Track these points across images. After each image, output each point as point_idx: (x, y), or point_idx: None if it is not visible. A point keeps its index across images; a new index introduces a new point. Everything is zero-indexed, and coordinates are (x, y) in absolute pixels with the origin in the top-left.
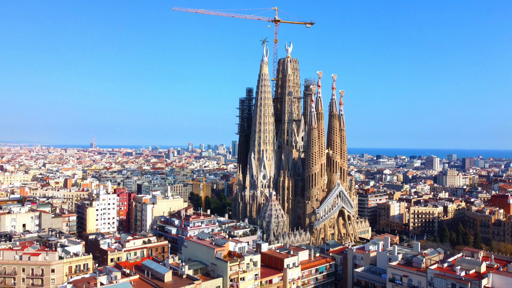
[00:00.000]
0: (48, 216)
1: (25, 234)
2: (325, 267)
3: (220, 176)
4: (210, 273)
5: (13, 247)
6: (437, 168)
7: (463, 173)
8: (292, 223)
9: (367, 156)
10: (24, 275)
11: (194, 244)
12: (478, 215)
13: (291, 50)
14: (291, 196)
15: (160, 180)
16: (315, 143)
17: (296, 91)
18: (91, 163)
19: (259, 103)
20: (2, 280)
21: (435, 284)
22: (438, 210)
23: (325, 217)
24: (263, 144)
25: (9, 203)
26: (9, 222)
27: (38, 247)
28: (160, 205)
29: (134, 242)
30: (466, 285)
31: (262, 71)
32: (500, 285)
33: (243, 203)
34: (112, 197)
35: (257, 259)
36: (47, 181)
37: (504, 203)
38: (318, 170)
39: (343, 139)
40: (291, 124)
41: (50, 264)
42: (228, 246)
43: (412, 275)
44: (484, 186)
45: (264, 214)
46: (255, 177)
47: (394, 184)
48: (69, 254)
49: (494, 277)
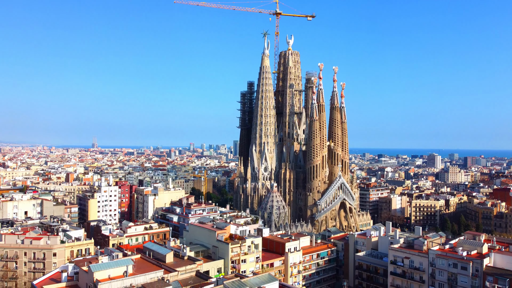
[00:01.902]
0: (50, 204)
1: (27, 220)
2: (326, 253)
3: (222, 173)
4: (211, 256)
5: (15, 232)
6: (438, 166)
7: (465, 171)
8: (293, 215)
9: (369, 156)
10: (26, 259)
11: (196, 227)
12: (480, 207)
13: (292, 42)
14: (293, 189)
15: (162, 176)
16: (316, 135)
17: (297, 84)
18: (92, 161)
19: (260, 96)
20: (4, 264)
21: (436, 265)
22: (440, 204)
23: (327, 209)
24: (265, 137)
25: (11, 191)
26: (11, 209)
27: (40, 231)
28: (161, 197)
29: (136, 228)
30: (467, 265)
31: (263, 64)
32: (502, 264)
33: (244, 196)
34: (114, 189)
35: (258, 241)
36: (49, 176)
37: (506, 196)
38: (319, 162)
39: (344, 131)
40: (292, 117)
41: (51, 248)
42: (229, 229)
43: (414, 256)
44: (486, 182)
45: (266, 205)
46: (257, 169)
47: (396, 180)
48: (71, 238)
49: (496, 257)
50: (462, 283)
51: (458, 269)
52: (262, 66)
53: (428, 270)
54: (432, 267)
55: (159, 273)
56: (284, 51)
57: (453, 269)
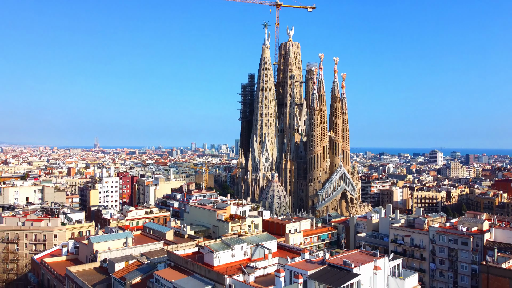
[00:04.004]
0: (51, 190)
1: (28, 205)
2: (327, 235)
3: (223, 169)
4: (211, 235)
5: (16, 215)
6: (440, 163)
7: (467, 167)
8: (295, 206)
9: (370, 154)
10: (27, 240)
11: (196, 208)
12: (481, 198)
13: (292, 33)
14: (294, 179)
15: (163, 171)
16: (317, 125)
17: (298, 75)
18: (94, 159)
19: (261, 87)
20: (5, 246)
21: (437, 241)
22: (442, 195)
23: (328, 199)
24: (265, 128)
25: (12, 179)
26: (12, 195)
27: (41, 214)
28: (162, 187)
29: (136, 212)
30: (468, 240)
31: (264, 55)
32: (503, 238)
33: (245, 186)
34: (115, 180)
35: (258, 221)
36: (51, 171)
37: (508, 187)
38: (320, 152)
39: (345, 122)
40: (293, 108)
41: (52, 229)
42: (230, 210)
43: (414, 234)
44: (488, 176)
45: (267, 195)
46: (257, 160)
47: (398, 175)
48: (72, 221)
49: (497, 232)
50: (463, 259)
51: (458, 244)
52: (262, 57)
53: (428, 247)
54: (433, 244)
55: (159, 245)
56: (284, 43)
57: (453, 245)
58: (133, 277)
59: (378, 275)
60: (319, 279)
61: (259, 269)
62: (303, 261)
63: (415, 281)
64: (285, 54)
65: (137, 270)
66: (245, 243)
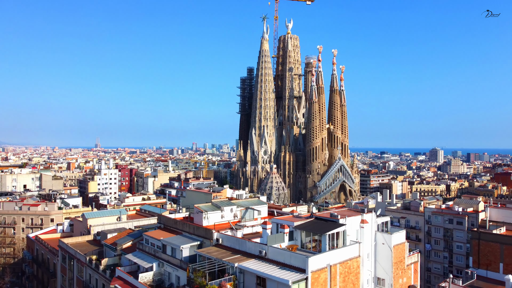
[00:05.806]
0: (49, 178)
1: (26, 192)
2: None
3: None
4: None
5: (13, 200)
6: (441, 161)
7: (467, 164)
8: (293, 198)
9: (371, 154)
10: (23, 225)
11: (192, 192)
12: (481, 190)
13: (291, 26)
14: (292, 171)
15: (163, 167)
16: (316, 117)
17: (296, 68)
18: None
19: (260, 80)
20: (2, 230)
21: (432, 222)
22: (441, 188)
23: (327, 191)
24: (264, 120)
25: (10, 168)
26: (10, 182)
27: (38, 200)
28: (161, 178)
29: (134, 198)
30: (463, 219)
31: (262, 48)
32: (498, 217)
33: (244, 178)
34: (114, 172)
35: None
36: (50, 166)
37: (507, 180)
38: (319, 144)
39: (344, 114)
40: (292, 100)
41: (49, 213)
42: (226, 193)
43: (410, 215)
44: (488, 172)
45: (265, 186)
46: (256, 152)
47: (398, 170)
48: (69, 206)
49: (492, 211)
50: (458, 238)
51: (454, 224)
52: (261, 50)
53: (424, 228)
54: (428, 225)
55: (153, 220)
56: (283, 36)
57: (448, 225)
58: (123, 242)
59: (365, 229)
60: (305, 228)
61: (247, 227)
62: (290, 216)
63: (403, 237)
64: (284, 47)
65: (128, 236)
66: (235, 206)
